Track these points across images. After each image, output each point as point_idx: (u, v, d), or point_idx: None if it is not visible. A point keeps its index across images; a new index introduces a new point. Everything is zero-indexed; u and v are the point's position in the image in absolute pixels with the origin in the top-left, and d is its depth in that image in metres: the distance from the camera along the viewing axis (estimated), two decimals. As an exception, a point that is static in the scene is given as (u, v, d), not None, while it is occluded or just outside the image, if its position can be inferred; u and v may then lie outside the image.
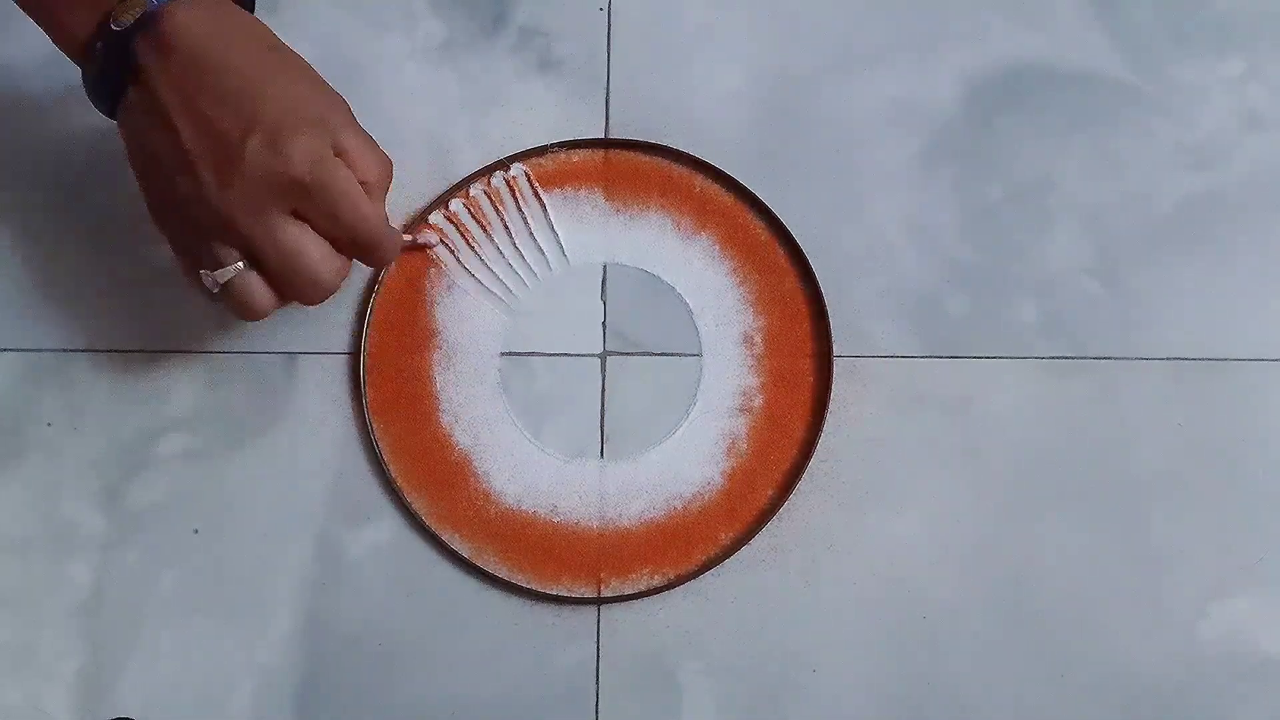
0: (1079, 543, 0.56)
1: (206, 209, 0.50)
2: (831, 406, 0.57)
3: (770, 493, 0.57)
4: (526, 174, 0.60)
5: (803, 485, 0.56)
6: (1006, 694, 0.54)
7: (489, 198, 0.60)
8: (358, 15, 0.62)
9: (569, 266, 0.59)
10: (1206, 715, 0.54)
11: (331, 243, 0.51)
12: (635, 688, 0.55)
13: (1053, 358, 0.58)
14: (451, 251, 0.59)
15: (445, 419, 0.58)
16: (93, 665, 0.55)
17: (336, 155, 0.50)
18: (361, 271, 0.58)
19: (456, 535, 0.56)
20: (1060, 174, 0.60)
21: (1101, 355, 0.58)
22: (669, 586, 0.56)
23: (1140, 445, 0.57)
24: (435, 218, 0.60)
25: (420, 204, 0.60)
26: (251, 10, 0.54)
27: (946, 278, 0.59)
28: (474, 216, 0.60)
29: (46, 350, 0.58)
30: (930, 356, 0.58)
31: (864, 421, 0.57)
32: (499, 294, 0.59)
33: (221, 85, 0.50)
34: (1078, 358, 0.58)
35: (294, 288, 0.51)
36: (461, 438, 0.58)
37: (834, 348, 0.58)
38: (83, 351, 0.58)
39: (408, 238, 0.58)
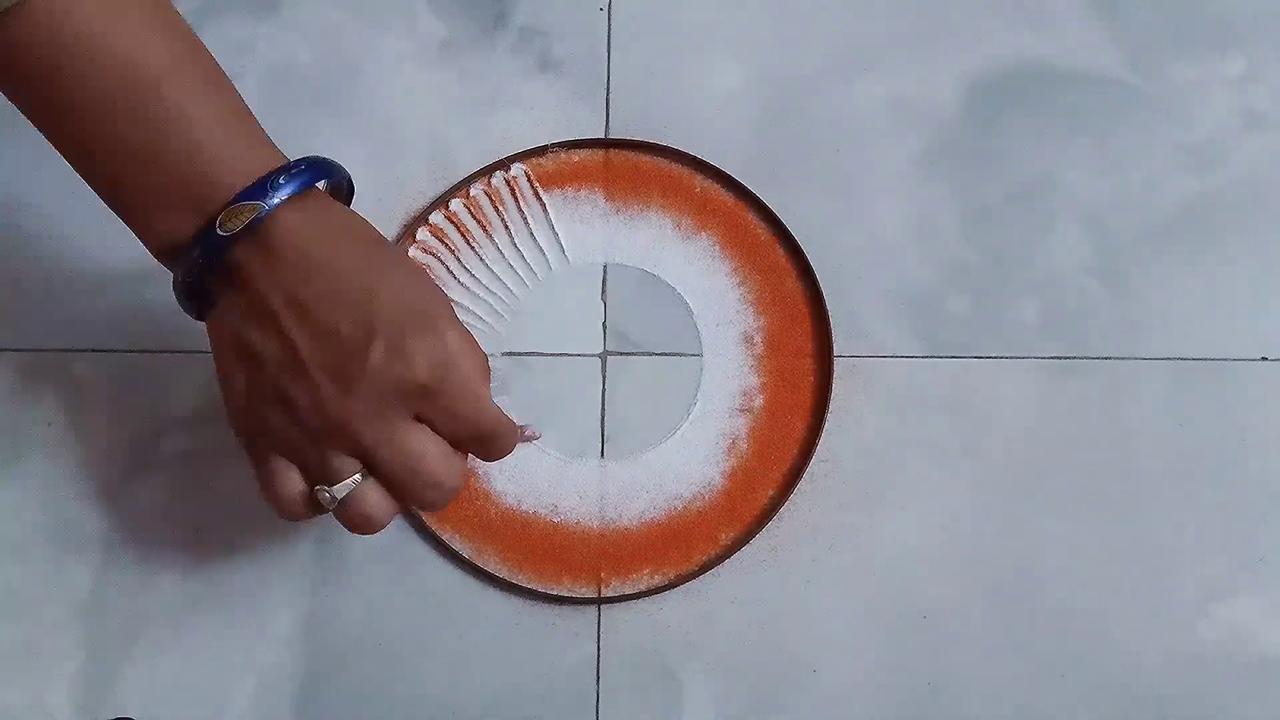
0: (1079, 543, 0.56)
1: (324, 418, 0.47)
2: (831, 406, 0.57)
3: (770, 493, 0.57)
4: (526, 174, 0.60)
5: (803, 485, 0.56)
6: (1006, 694, 0.54)
7: (489, 198, 0.60)
8: (358, 15, 0.62)
9: (569, 266, 0.59)
10: (1206, 715, 0.54)
11: (450, 441, 0.49)
12: (635, 688, 0.55)
13: (1053, 358, 0.58)
14: (462, 249, 0.59)
15: (445, 419, 0.58)
16: (93, 665, 0.55)
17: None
18: None
19: (456, 535, 0.56)
20: (1060, 174, 0.60)
21: (1101, 355, 0.58)
22: (669, 586, 0.55)
23: (1140, 445, 0.57)
24: (435, 218, 0.60)
25: (420, 204, 0.60)
26: (349, 204, 0.52)
27: (946, 278, 0.59)
28: (474, 216, 0.60)
29: (46, 350, 0.58)
30: (930, 356, 0.58)
31: (864, 421, 0.57)
32: (499, 294, 0.59)
33: (335, 289, 0.47)
34: (1078, 358, 0.58)
35: (416, 494, 0.48)
36: (461, 438, 0.58)
37: (834, 348, 0.58)
38: (83, 351, 0.58)
39: (519, 427, 0.54)
